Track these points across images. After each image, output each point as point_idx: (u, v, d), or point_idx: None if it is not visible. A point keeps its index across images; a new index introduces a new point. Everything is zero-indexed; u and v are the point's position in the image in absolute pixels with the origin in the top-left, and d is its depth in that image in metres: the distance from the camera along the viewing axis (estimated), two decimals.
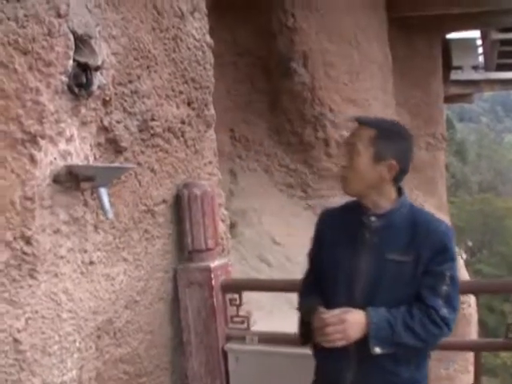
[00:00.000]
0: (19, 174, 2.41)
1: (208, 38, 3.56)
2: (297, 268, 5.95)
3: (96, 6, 2.67)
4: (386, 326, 2.14)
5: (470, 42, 10.99)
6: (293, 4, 5.91)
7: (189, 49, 3.39)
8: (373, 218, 2.28)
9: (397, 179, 2.29)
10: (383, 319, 2.15)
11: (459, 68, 10.58)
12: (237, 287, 3.39)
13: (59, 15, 2.45)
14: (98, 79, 2.67)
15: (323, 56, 6.15)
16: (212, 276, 3.32)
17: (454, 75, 10.66)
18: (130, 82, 2.96)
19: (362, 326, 2.15)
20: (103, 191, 2.58)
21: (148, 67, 3.09)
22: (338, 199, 2.42)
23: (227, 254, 3.81)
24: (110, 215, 2.62)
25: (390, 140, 2.25)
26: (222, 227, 3.68)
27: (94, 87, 2.66)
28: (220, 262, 3.41)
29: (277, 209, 6.00)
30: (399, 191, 2.34)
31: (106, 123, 2.82)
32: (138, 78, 3.02)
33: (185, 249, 3.38)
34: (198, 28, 3.45)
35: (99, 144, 2.82)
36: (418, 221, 2.27)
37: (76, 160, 2.66)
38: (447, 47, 10.41)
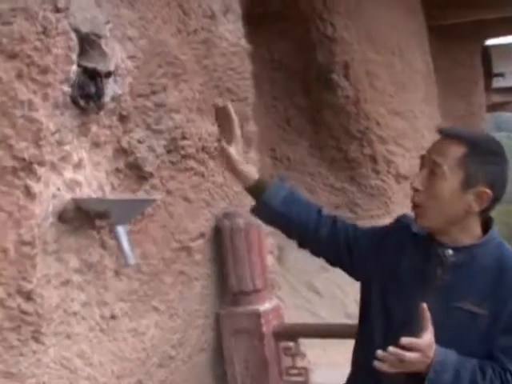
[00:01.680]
0: (11, 213, 1.77)
1: (244, 43, 2.91)
2: (349, 298, 5.23)
3: (107, 1, 2.04)
4: (451, 374, 1.53)
5: (511, 47, 10.16)
6: (331, 13, 5.24)
7: (223, 54, 2.74)
8: (450, 252, 1.62)
9: (486, 209, 1.62)
10: (450, 364, 1.54)
11: (501, 75, 9.74)
12: (292, 334, 2.70)
13: (57, 9, 1.83)
14: (112, 89, 2.04)
15: (366, 66, 5.46)
16: (262, 322, 2.64)
17: (496, 83, 9.84)
18: (154, 93, 2.32)
19: (428, 361, 1.52)
20: (121, 231, 1.93)
21: (175, 75, 2.45)
22: (390, 220, 1.84)
23: (278, 290, 3.12)
24: (132, 261, 1.97)
25: (484, 160, 1.58)
26: (271, 260, 2.99)
27: (107, 99, 2.03)
28: (271, 305, 2.73)
29: None
30: (486, 223, 1.66)
31: (124, 144, 2.18)
32: (164, 88, 2.38)
33: (228, 291, 2.71)
34: (232, 31, 2.80)
35: (117, 170, 2.18)
36: (507, 265, 1.61)
37: (87, 191, 2.02)
38: (487, 54, 9.60)
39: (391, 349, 1.47)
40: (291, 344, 2.68)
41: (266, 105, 5.17)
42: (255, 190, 1.84)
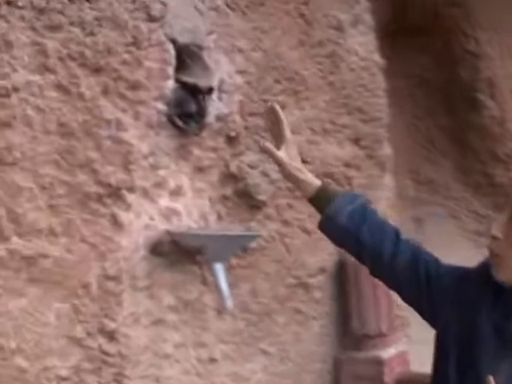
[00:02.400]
0: (95, 244, 1.47)
1: (377, 57, 2.44)
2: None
3: (211, 8, 1.69)
4: None
5: None
6: (474, 27, 4.55)
7: (352, 70, 2.29)
8: None
9: None
10: None
11: None
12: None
13: (150, 18, 1.51)
14: (216, 107, 1.68)
15: (510, 84, 4.69)
16: (385, 370, 2.14)
17: None
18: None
19: None
20: (219, 268, 1.56)
21: (295, 92, 2.04)
22: None
23: (407, 328, 2.59)
24: (229, 303, 1.59)
25: None
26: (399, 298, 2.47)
27: (210, 118, 1.67)
28: (396, 351, 2.22)
29: (462, 259, 4.53)
30: None
31: (233, 168, 1.81)
32: (282, 106, 1.96)
33: (350, 333, 2.23)
34: (362, 43, 2.35)
35: (225, 197, 1.82)
36: None
37: (187, 221, 1.67)
38: None
39: None
40: None
41: (406, 123, 4.59)
42: (318, 201, 1.42)
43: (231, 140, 1.78)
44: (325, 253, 2.19)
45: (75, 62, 1.38)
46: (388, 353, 2.18)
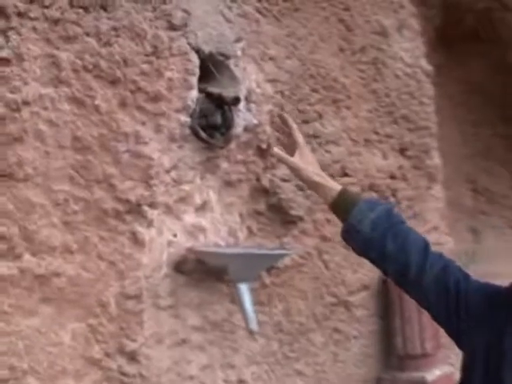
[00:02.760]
0: (114, 262, 1.36)
1: (424, 63, 2.24)
2: None
3: (240, 15, 1.56)
4: None
5: None
6: None
7: (397, 77, 2.10)
8: None
9: None
10: None
11: None
12: None
13: (172, 27, 1.39)
14: (244, 118, 1.54)
15: None
16: None
17: None
18: (306, 122, 1.78)
19: None
20: (243, 289, 1.41)
21: (335, 102, 1.88)
22: None
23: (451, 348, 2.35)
24: (254, 325, 1.44)
25: None
26: None
27: (238, 129, 1.54)
28: (441, 372, 2.01)
29: None
30: None
31: (265, 182, 1.67)
32: (319, 116, 1.83)
33: (393, 353, 2.04)
34: (408, 49, 2.15)
35: (257, 213, 1.68)
36: None
37: (214, 238, 1.54)
38: None
39: None
40: None
41: (462, 132, 4.30)
42: (339, 207, 1.28)
43: (262, 152, 1.64)
44: (366, 269, 2.01)
45: (90, 73, 1.27)
46: (433, 374, 1.98)
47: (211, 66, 1.46)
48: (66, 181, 1.27)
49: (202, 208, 1.52)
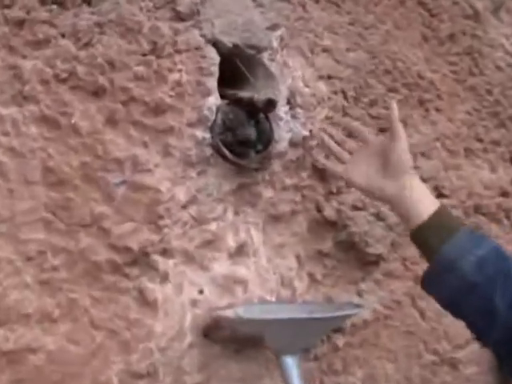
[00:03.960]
0: (114, 331, 0.99)
1: None
2: None
3: None
4: None
5: None
6: None
7: (499, 68, 1.58)
8: None
9: None
10: None
11: None
12: None
13: (178, 16, 1.02)
14: (288, 128, 1.13)
15: None
16: None
17: None
18: (382, 130, 1.32)
19: None
20: (289, 363, 0.97)
21: (422, 103, 1.42)
22: None
23: None
24: None
25: None
26: None
27: (282, 144, 1.12)
28: None
29: None
30: None
31: (330, 212, 1.23)
32: (402, 122, 1.35)
33: None
34: (509, 35, 1.63)
35: (321, 253, 1.24)
36: None
37: (260, 291, 1.12)
38: None
39: None
40: None
41: None
42: (425, 235, 0.92)
43: (321, 173, 1.21)
44: None
45: (64, 84, 0.93)
46: None
47: (238, 62, 1.07)
48: (40, 227, 0.93)
49: (239, 252, 1.11)
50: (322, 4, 1.26)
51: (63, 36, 0.95)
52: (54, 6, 0.95)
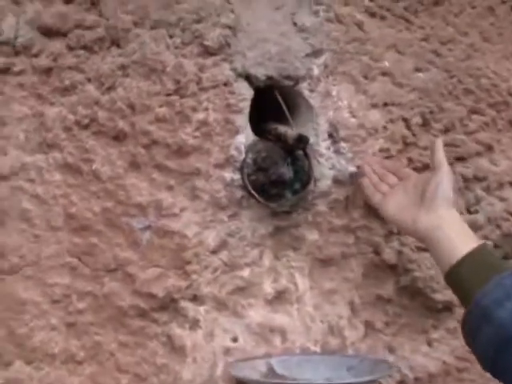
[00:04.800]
0: (140, 375, 0.96)
1: None
2: None
3: (329, 20, 1.03)
4: None
5: None
6: None
7: None
8: None
9: None
10: None
11: None
12: None
13: (206, 50, 0.95)
14: (331, 164, 1.00)
15: None
16: None
17: None
18: (461, 159, 1.14)
19: None
20: None
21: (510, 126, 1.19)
22: None
23: None
24: None
25: None
26: None
27: (325, 183, 1.00)
28: None
29: None
30: None
31: (389, 255, 1.08)
32: (488, 148, 1.16)
33: None
34: None
35: (381, 299, 1.09)
36: None
37: (302, 340, 1.02)
38: None
39: None
40: None
41: None
42: (460, 278, 0.80)
43: (377, 212, 1.06)
44: None
45: (86, 130, 0.92)
46: None
47: (276, 94, 0.97)
48: (65, 271, 0.93)
49: (279, 299, 1.01)
50: (387, 21, 1.11)
51: (89, 81, 0.93)
52: (82, 51, 0.93)
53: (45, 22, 0.91)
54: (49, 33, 0.92)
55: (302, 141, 0.92)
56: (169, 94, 0.94)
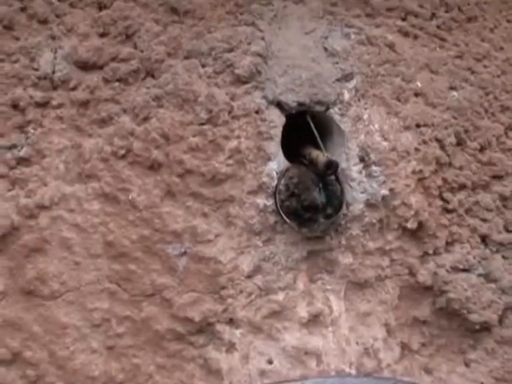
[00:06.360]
0: None
1: None
2: None
3: (360, 42, 1.00)
4: None
5: None
6: None
7: None
8: None
9: None
10: None
11: None
12: None
13: (237, 79, 0.93)
14: (363, 188, 0.97)
15: None
16: None
17: None
18: (497, 177, 1.08)
19: None
20: None
21: None
22: None
23: None
24: None
25: None
26: None
27: (357, 207, 0.97)
28: None
29: None
30: None
31: (425, 276, 1.04)
32: None
33: None
34: None
35: (417, 321, 1.06)
36: None
37: (337, 362, 0.99)
38: None
39: None
40: None
41: None
42: None
43: (412, 233, 1.02)
44: None
45: (122, 160, 0.91)
46: None
47: (308, 119, 0.95)
48: (104, 296, 0.92)
49: (314, 322, 0.99)
50: (420, 40, 1.07)
51: (125, 112, 0.93)
52: (117, 83, 0.93)
53: (81, 56, 0.92)
54: (85, 66, 0.92)
55: (331, 166, 0.89)
56: (201, 124, 0.92)
